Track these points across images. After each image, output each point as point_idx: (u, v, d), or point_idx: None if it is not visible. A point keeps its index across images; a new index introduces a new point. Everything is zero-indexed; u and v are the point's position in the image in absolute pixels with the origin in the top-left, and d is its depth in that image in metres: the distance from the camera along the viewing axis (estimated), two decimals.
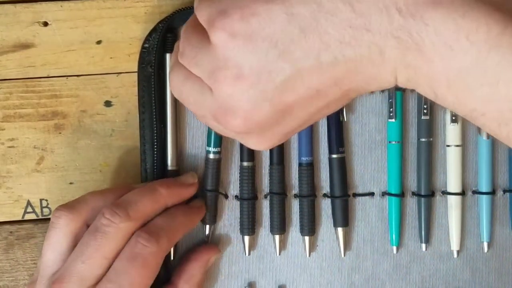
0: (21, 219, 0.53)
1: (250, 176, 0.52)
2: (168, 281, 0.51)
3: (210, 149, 0.52)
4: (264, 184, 0.53)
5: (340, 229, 0.53)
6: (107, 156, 0.53)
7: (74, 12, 0.52)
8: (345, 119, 0.53)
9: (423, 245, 0.54)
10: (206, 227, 0.53)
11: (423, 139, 0.53)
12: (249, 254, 0.53)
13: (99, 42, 0.52)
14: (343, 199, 0.53)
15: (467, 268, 0.54)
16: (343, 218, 0.53)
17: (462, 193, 0.53)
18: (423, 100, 0.52)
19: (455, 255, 0.54)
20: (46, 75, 0.52)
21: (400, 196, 0.53)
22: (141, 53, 0.51)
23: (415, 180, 0.54)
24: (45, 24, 0.52)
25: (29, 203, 0.53)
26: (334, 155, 0.53)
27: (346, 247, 0.53)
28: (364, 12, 0.37)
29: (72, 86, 0.52)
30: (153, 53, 0.50)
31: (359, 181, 0.54)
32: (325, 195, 0.53)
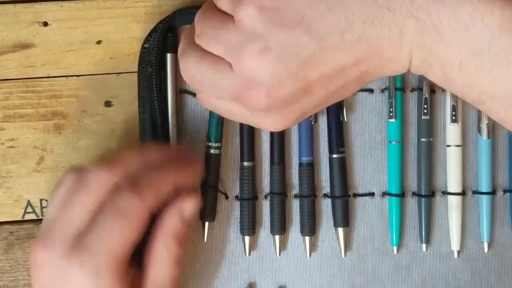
0: (21, 219, 0.53)
1: (251, 176, 0.52)
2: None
3: (211, 144, 0.52)
4: (265, 184, 0.53)
5: (341, 229, 0.53)
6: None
7: (74, 12, 0.52)
8: (345, 119, 0.53)
9: (424, 245, 0.54)
10: (206, 225, 0.52)
11: (423, 139, 0.53)
12: (249, 255, 0.53)
13: (99, 42, 0.52)
14: (344, 199, 0.53)
15: (468, 268, 0.54)
16: (344, 218, 0.53)
17: (462, 193, 0.53)
18: (423, 100, 0.52)
19: (456, 255, 0.54)
20: (46, 75, 0.52)
21: (401, 196, 0.53)
22: (141, 53, 0.51)
23: (415, 180, 0.54)
24: (45, 24, 0.52)
25: (29, 203, 0.53)
26: (335, 155, 0.53)
27: (347, 248, 0.53)
28: None
29: (72, 86, 0.52)
30: (153, 53, 0.50)
31: (360, 181, 0.54)
32: (326, 195, 0.53)
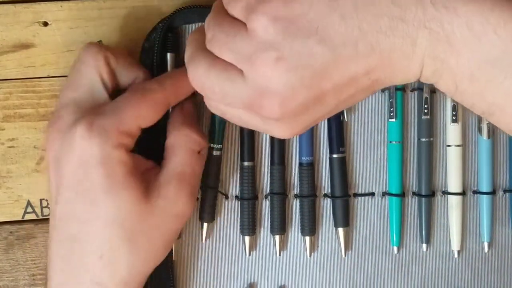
0: (21, 219, 0.53)
1: (251, 176, 0.52)
2: None
3: (213, 146, 0.52)
4: (265, 184, 0.53)
5: (341, 229, 0.53)
6: None
7: (74, 12, 0.52)
8: (346, 119, 0.53)
9: (424, 245, 0.54)
10: (204, 226, 0.52)
11: (424, 139, 0.53)
12: (250, 255, 0.53)
13: (99, 42, 0.52)
14: (344, 199, 0.53)
15: (468, 268, 0.54)
16: (344, 218, 0.53)
17: (463, 193, 0.53)
18: (424, 100, 0.52)
19: (456, 255, 0.54)
20: (46, 75, 0.52)
21: (401, 196, 0.53)
22: (141, 53, 0.51)
23: (416, 180, 0.54)
24: (45, 24, 0.52)
25: (29, 203, 0.53)
26: (335, 155, 0.53)
27: (347, 247, 0.53)
28: (401, 3, 0.39)
29: None
30: (153, 53, 0.50)
31: (360, 181, 0.54)
32: (326, 195, 0.53)
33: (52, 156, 0.45)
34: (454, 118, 0.53)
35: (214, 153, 0.52)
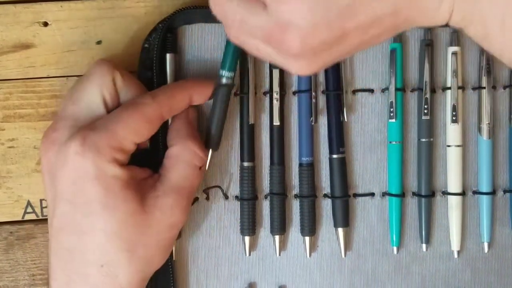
0: (21, 219, 0.53)
1: (250, 177, 0.52)
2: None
3: (224, 73, 0.50)
4: (265, 185, 0.53)
5: (341, 230, 0.53)
6: None
7: (74, 12, 0.52)
8: (346, 119, 0.53)
9: (424, 246, 0.54)
10: (209, 152, 0.50)
11: (424, 139, 0.53)
12: (250, 255, 0.53)
13: (99, 42, 0.52)
14: (344, 200, 0.53)
15: (468, 269, 0.54)
16: (344, 219, 0.53)
17: (463, 193, 0.53)
18: (424, 100, 0.52)
19: (456, 256, 0.54)
20: (46, 75, 0.52)
21: (401, 197, 0.53)
22: (141, 53, 0.51)
23: (416, 181, 0.54)
24: (45, 24, 0.52)
25: (29, 203, 0.53)
26: (335, 155, 0.52)
27: (347, 248, 0.53)
28: None
29: None
30: (153, 53, 0.50)
31: (360, 182, 0.54)
32: (326, 196, 0.53)
33: (47, 168, 0.45)
34: (454, 119, 0.53)
35: (225, 82, 0.50)
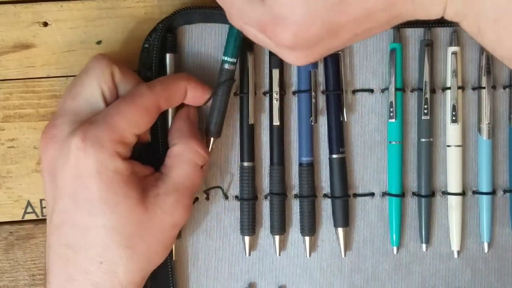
0: (21, 219, 0.53)
1: (250, 177, 0.52)
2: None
3: (226, 59, 0.50)
4: (264, 185, 0.53)
5: (341, 230, 0.53)
6: None
7: (74, 12, 0.52)
8: (345, 119, 0.53)
9: (424, 245, 0.54)
10: (211, 140, 0.51)
11: (424, 139, 0.53)
12: (249, 255, 0.53)
13: (99, 42, 0.52)
14: (344, 200, 0.53)
15: (468, 269, 0.54)
16: (344, 219, 0.53)
17: (463, 193, 0.53)
18: (423, 100, 0.52)
19: (456, 255, 0.54)
20: (46, 75, 0.52)
21: (401, 196, 0.53)
22: (141, 53, 0.51)
23: (416, 181, 0.54)
24: (45, 24, 0.52)
25: (29, 203, 0.53)
26: (335, 155, 0.52)
27: (347, 248, 0.53)
28: None
29: None
30: (153, 54, 0.50)
31: (360, 181, 0.54)
32: (326, 196, 0.53)
33: (48, 165, 0.45)
34: (454, 119, 0.53)
35: (227, 67, 0.50)
